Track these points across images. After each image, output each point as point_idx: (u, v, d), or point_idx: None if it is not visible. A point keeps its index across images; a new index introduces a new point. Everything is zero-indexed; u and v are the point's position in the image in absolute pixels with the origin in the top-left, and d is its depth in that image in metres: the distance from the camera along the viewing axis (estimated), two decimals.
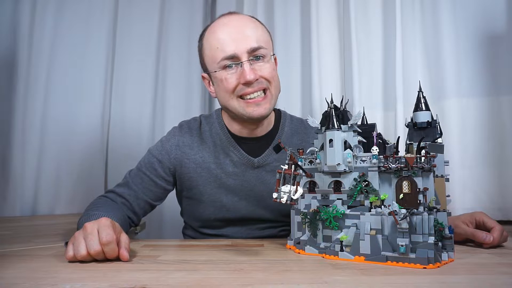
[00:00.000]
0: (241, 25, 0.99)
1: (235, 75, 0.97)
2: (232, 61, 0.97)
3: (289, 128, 1.12)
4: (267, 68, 0.99)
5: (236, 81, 0.97)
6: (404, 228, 0.67)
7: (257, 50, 0.97)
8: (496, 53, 1.42)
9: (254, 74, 0.95)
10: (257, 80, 0.97)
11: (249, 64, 0.96)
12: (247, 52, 0.96)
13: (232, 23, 0.99)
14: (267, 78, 0.99)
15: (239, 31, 0.97)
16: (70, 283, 0.58)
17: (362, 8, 1.63)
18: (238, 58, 0.96)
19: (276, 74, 1.03)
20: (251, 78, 0.95)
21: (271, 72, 1.00)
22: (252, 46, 0.96)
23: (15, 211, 1.63)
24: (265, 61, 0.99)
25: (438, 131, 0.80)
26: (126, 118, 1.93)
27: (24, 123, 1.68)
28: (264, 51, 0.98)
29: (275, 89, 1.02)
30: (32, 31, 1.70)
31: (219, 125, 1.10)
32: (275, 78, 1.02)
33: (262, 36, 1.00)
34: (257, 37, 0.98)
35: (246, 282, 0.59)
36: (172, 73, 2.04)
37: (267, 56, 1.00)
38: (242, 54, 0.96)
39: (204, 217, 1.10)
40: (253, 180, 1.07)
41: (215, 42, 0.98)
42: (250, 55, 0.96)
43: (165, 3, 2.05)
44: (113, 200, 1.04)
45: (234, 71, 0.97)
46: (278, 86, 1.04)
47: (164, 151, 1.09)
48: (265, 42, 1.00)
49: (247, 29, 0.98)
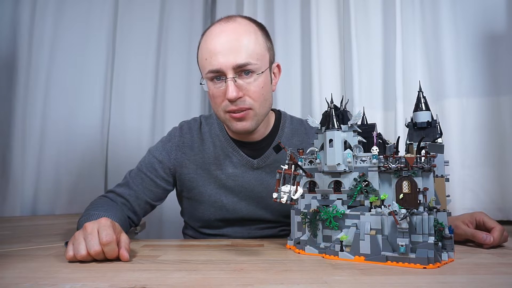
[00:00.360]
0: (233, 37, 0.93)
1: (221, 90, 0.95)
2: (218, 74, 0.94)
3: (289, 129, 1.11)
4: (254, 86, 0.94)
5: (222, 96, 0.95)
6: (404, 228, 0.67)
7: (245, 66, 0.92)
8: (496, 53, 1.42)
9: (237, 92, 0.92)
10: (241, 98, 0.93)
11: (233, 82, 0.92)
12: (232, 69, 0.91)
13: (224, 34, 0.94)
14: (251, 95, 0.94)
15: (229, 44, 0.92)
16: (70, 283, 0.58)
17: (362, 8, 1.63)
18: (223, 73, 0.92)
19: (266, 91, 0.97)
20: (232, 96, 0.91)
21: (258, 90, 0.95)
22: (239, 63, 0.91)
23: (15, 211, 1.63)
24: (253, 77, 0.94)
25: (438, 131, 0.80)
26: (126, 118, 1.93)
27: (24, 124, 1.68)
28: (253, 66, 0.93)
29: (260, 108, 0.97)
30: (32, 31, 1.70)
31: (219, 126, 1.09)
32: (262, 97, 0.96)
33: (254, 51, 0.94)
34: (247, 52, 0.92)
35: (246, 282, 0.59)
36: (172, 73, 2.04)
37: (257, 72, 0.94)
38: (227, 69, 0.92)
39: (205, 218, 1.10)
40: (253, 181, 1.07)
41: (205, 52, 0.95)
42: (236, 71, 0.92)
43: (165, 3, 2.05)
44: (113, 200, 1.04)
45: (219, 85, 0.95)
46: (265, 104, 0.99)
47: (164, 152, 1.09)
48: (257, 57, 0.94)
49: (238, 42, 0.92)
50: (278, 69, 1.07)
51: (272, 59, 1.03)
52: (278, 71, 1.07)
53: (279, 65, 1.07)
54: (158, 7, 2.01)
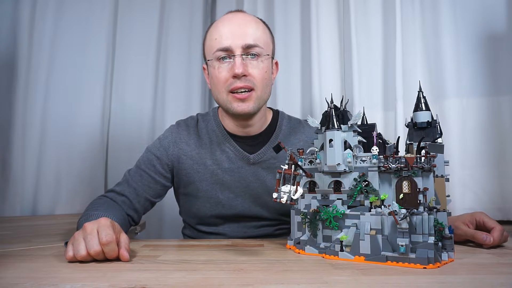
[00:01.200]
0: (243, 23, 1.01)
1: (227, 68, 0.99)
2: (226, 53, 0.99)
3: (286, 127, 1.13)
4: (258, 68, 1.00)
5: (227, 74, 0.99)
6: (404, 228, 0.67)
7: (252, 47, 0.99)
8: (496, 53, 1.42)
9: (243, 68, 0.97)
10: (246, 76, 0.98)
11: (241, 59, 0.98)
12: (241, 47, 0.98)
13: (235, 20, 1.02)
14: (255, 77, 0.99)
15: (240, 27, 1.00)
16: (70, 283, 0.58)
17: (362, 8, 1.63)
18: (232, 51, 0.98)
19: (268, 77, 1.03)
20: (239, 71, 0.96)
21: (262, 74, 1.00)
22: (248, 43, 0.98)
23: (15, 211, 1.63)
24: (259, 60, 1.00)
25: (438, 131, 0.80)
26: (126, 118, 1.92)
27: (24, 123, 1.68)
28: (260, 50, 1.00)
29: (262, 92, 1.02)
30: (32, 31, 1.70)
31: (215, 122, 1.11)
32: (265, 81, 1.02)
33: (261, 37, 1.02)
34: (256, 36, 1.00)
35: (246, 282, 0.59)
36: (172, 73, 2.04)
37: (262, 55, 1.01)
38: (236, 48, 0.98)
39: (201, 214, 1.11)
40: (249, 177, 1.08)
41: (215, 33, 1.01)
42: (244, 51, 0.98)
43: (165, 3, 2.04)
44: (113, 199, 1.05)
45: (227, 64, 0.99)
46: (266, 89, 1.03)
47: (162, 148, 1.10)
48: (263, 43, 1.02)
49: (248, 27, 1.00)
50: (276, 66, 1.12)
51: (274, 53, 1.09)
52: (276, 68, 1.12)
53: (277, 62, 1.12)
54: (158, 7, 2.01)
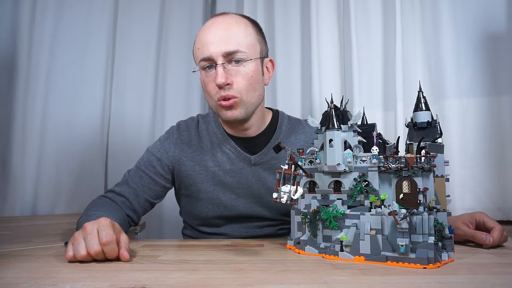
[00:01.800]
0: (222, 28, 0.97)
1: (212, 77, 0.97)
2: (209, 62, 0.97)
3: (286, 127, 1.12)
4: (242, 74, 0.96)
5: (212, 83, 0.97)
6: (404, 228, 0.67)
7: (234, 53, 0.95)
8: (496, 53, 1.42)
9: (225, 78, 0.94)
10: (229, 85, 0.95)
11: (222, 68, 0.95)
12: (222, 56, 0.95)
13: (215, 25, 0.98)
14: (240, 84, 0.96)
15: (220, 33, 0.96)
16: (70, 283, 0.58)
17: (362, 8, 1.63)
18: (213, 60, 0.96)
19: (255, 81, 0.99)
20: (221, 82, 0.94)
21: (247, 79, 0.97)
22: (228, 50, 0.95)
23: (15, 211, 1.63)
24: (243, 65, 0.97)
25: (438, 131, 0.80)
26: (126, 118, 1.93)
27: (24, 123, 1.68)
28: (242, 54, 0.96)
29: (248, 97, 0.98)
30: (32, 31, 1.70)
31: (215, 123, 1.11)
32: (251, 86, 0.98)
33: (244, 40, 0.97)
34: (237, 40, 0.96)
35: (246, 282, 0.59)
36: (172, 73, 2.04)
37: (247, 60, 0.97)
38: (217, 57, 0.95)
39: (203, 215, 1.11)
40: (251, 178, 1.08)
41: (198, 43, 1.00)
42: (226, 58, 0.95)
43: (165, 3, 2.05)
44: (113, 199, 1.05)
45: (212, 73, 0.98)
46: (254, 94, 1.00)
47: (162, 149, 1.10)
48: (247, 46, 0.97)
49: (228, 32, 0.96)
50: (272, 64, 1.09)
51: (265, 53, 1.06)
52: (272, 66, 1.09)
53: (272, 60, 1.09)
54: (158, 7, 2.01)
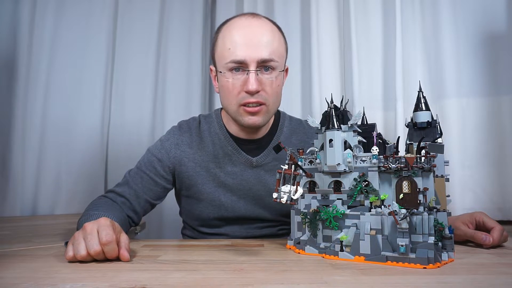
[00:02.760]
0: (259, 32, 0.96)
1: (240, 81, 0.96)
2: (240, 66, 0.95)
3: (288, 128, 1.12)
4: (271, 83, 0.97)
5: (240, 87, 0.96)
6: (404, 228, 0.67)
7: (268, 62, 0.95)
8: (496, 53, 1.42)
9: (257, 85, 0.94)
10: (259, 92, 0.96)
11: (255, 74, 0.94)
12: (256, 62, 0.94)
13: (251, 28, 0.97)
14: (268, 92, 0.97)
15: (256, 38, 0.95)
16: (70, 283, 0.58)
17: (362, 8, 1.63)
18: (246, 65, 0.94)
19: (279, 91, 1.02)
20: (253, 88, 0.93)
21: (275, 88, 0.98)
22: (263, 57, 0.94)
23: (15, 211, 1.63)
24: (272, 75, 0.97)
25: (438, 131, 0.80)
26: (126, 118, 1.93)
27: (24, 123, 1.68)
28: (275, 64, 0.97)
29: (273, 105, 1.01)
30: (32, 31, 1.70)
31: (218, 124, 1.10)
32: (277, 95, 1.01)
33: (277, 49, 0.98)
34: (272, 48, 0.96)
35: (246, 282, 0.59)
36: (172, 73, 2.04)
37: (276, 70, 0.98)
38: (251, 62, 0.94)
39: (203, 216, 1.10)
40: (252, 180, 1.07)
41: (228, 42, 0.97)
42: (259, 65, 0.95)
43: (165, 3, 2.05)
44: (113, 200, 1.04)
45: (239, 77, 0.96)
46: (277, 103, 1.03)
47: (163, 150, 1.09)
48: (279, 55, 0.98)
49: (264, 38, 0.96)
50: (286, 72, 1.10)
51: (286, 61, 1.07)
52: (286, 74, 1.09)
53: (287, 68, 1.09)
54: (158, 7, 2.01)
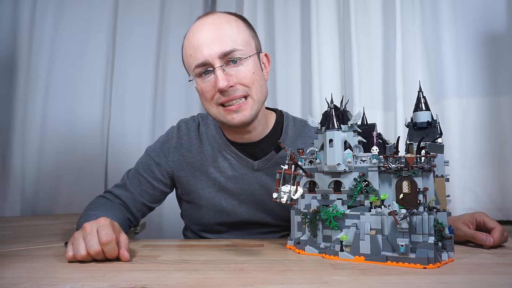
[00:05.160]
0: (213, 28, 0.92)
1: (211, 83, 0.91)
2: (205, 68, 0.91)
3: (292, 131, 1.07)
4: (244, 72, 0.91)
5: (212, 89, 0.91)
6: (404, 228, 0.67)
7: (231, 53, 0.90)
8: (496, 53, 1.42)
9: (228, 81, 0.89)
10: (232, 87, 0.90)
11: (222, 71, 0.89)
12: (219, 58, 0.89)
13: (205, 27, 0.92)
14: (244, 83, 0.91)
15: (211, 34, 0.91)
16: (70, 283, 0.58)
17: (362, 8, 1.63)
18: (210, 64, 0.90)
19: (258, 77, 0.94)
20: (223, 86, 0.88)
21: (250, 76, 0.92)
22: (224, 51, 0.89)
23: (15, 211, 1.63)
24: (242, 64, 0.91)
25: (438, 131, 0.80)
26: (126, 118, 1.93)
27: (24, 123, 1.68)
28: (240, 52, 0.91)
29: (257, 93, 0.94)
30: (32, 31, 1.71)
31: (215, 127, 1.06)
32: (257, 81, 0.93)
33: (237, 37, 0.92)
34: (231, 39, 0.91)
35: (246, 282, 0.59)
36: (172, 73, 2.04)
37: (246, 59, 0.92)
38: (214, 60, 0.89)
39: (204, 222, 1.08)
40: (253, 184, 1.04)
41: (188, 49, 0.94)
42: (223, 60, 0.90)
43: (165, 3, 2.05)
44: (111, 200, 1.04)
45: (209, 79, 0.91)
46: (261, 89, 0.95)
47: (162, 154, 1.07)
48: (242, 43, 0.92)
49: (220, 32, 0.91)
50: (267, 59, 1.03)
51: (259, 47, 1.01)
52: (267, 61, 1.03)
53: (267, 54, 1.03)
54: (158, 7, 2.01)
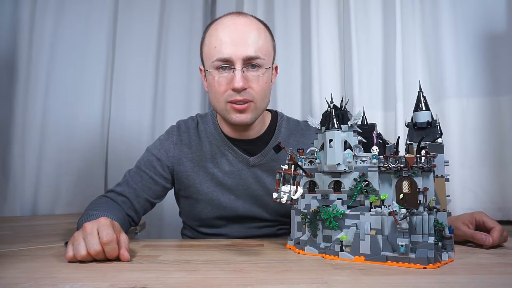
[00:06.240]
0: (244, 30, 0.96)
1: (226, 79, 0.96)
2: (226, 64, 0.95)
3: (286, 129, 1.12)
4: (258, 80, 0.97)
5: (226, 85, 0.96)
6: (404, 228, 0.67)
7: (254, 59, 0.95)
8: (496, 53, 1.42)
9: (243, 82, 0.94)
10: (246, 90, 0.95)
11: (241, 72, 0.94)
12: (242, 59, 0.94)
13: (237, 26, 0.97)
14: (255, 90, 0.97)
15: (241, 35, 0.95)
16: (70, 283, 0.58)
17: (362, 8, 1.63)
18: (232, 62, 0.94)
19: (267, 88, 1.00)
20: (239, 85, 0.93)
21: (262, 86, 0.98)
22: (249, 55, 0.94)
23: (15, 211, 1.63)
24: (259, 72, 0.97)
25: (438, 131, 0.80)
26: (126, 118, 1.93)
27: (24, 123, 1.68)
28: (261, 61, 0.96)
29: (261, 103, 1.00)
30: (32, 31, 1.70)
31: (213, 125, 1.10)
32: (265, 92, 0.99)
33: (263, 46, 0.98)
34: (258, 46, 0.96)
35: (246, 282, 0.59)
36: (172, 73, 2.04)
37: (263, 67, 0.97)
38: (237, 59, 0.94)
39: (202, 216, 1.11)
40: (249, 179, 1.08)
41: (214, 41, 0.97)
42: (245, 62, 0.95)
43: (165, 3, 2.05)
44: (113, 199, 1.05)
45: (226, 75, 0.96)
46: (265, 100, 1.02)
47: (162, 150, 1.10)
48: (265, 53, 0.98)
49: (250, 36, 0.96)
50: (276, 70, 1.10)
51: (274, 58, 1.07)
52: (275, 72, 1.10)
53: (277, 66, 1.10)
54: (158, 7, 2.01)
